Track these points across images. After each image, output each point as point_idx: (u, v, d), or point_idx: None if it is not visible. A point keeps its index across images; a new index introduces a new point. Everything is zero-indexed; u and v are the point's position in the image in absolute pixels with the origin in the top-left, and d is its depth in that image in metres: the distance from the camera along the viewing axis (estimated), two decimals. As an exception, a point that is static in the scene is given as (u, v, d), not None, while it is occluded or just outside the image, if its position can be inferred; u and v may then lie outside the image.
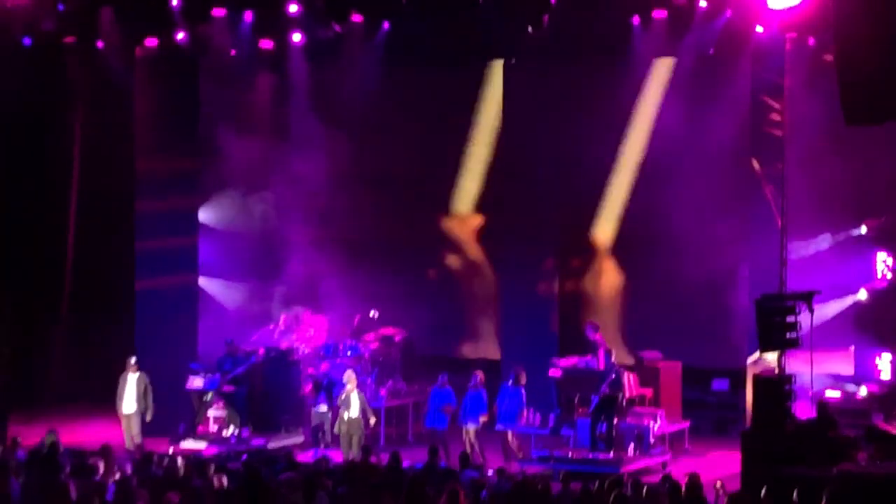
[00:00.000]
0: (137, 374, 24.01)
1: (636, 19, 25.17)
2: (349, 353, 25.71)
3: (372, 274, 27.88)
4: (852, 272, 25.14)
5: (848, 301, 24.97)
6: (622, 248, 27.44)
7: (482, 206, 28.34)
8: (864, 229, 25.25)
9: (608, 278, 27.65)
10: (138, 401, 23.88)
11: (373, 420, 23.55)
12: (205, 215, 27.80)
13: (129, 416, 23.93)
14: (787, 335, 21.00)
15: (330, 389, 23.95)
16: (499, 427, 23.39)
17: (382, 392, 25.22)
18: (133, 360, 24.15)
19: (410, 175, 28.54)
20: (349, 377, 23.21)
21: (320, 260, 28.05)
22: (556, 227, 26.83)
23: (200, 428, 24.80)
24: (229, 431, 24.40)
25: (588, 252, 27.69)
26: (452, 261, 28.76)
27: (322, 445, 23.62)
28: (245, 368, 24.94)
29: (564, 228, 27.02)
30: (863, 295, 25.07)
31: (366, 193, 28.63)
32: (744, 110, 25.11)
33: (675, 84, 26.78)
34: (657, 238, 26.50)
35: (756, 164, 24.70)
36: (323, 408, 23.92)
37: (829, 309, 23.86)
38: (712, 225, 26.11)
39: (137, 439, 23.65)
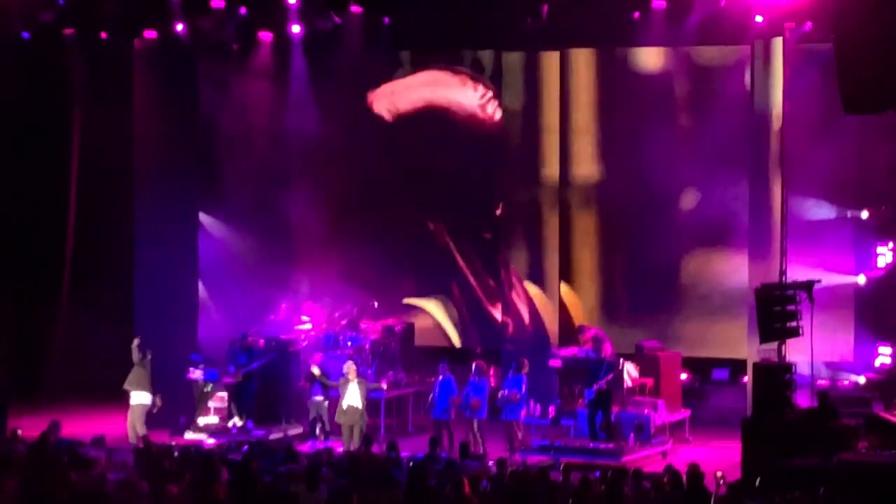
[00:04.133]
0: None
1: (635, 9, 25.20)
2: (349, 343, 25.70)
3: (374, 264, 27.93)
4: (852, 255, 25.19)
5: (846, 280, 24.99)
6: (624, 237, 27.39)
7: (483, 198, 28.28)
8: (865, 214, 25.27)
9: (608, 267, 27.64)
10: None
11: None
12: (204, 207, 27.79)
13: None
14: (788, 324, 21.02)
15: (325, 380, 23.94)
16: (503, 417, 23.35)
17: (383, 383, 25.20)
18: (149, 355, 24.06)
19: (411, 169, 28.59)
20: (349, 367, 23.19)
21: (322, 251, 28.08)
22: (558, 215, 26.94)
23: (201, 419, 24.78)
24: (234, 423, 24.37)
25: (589, 241, 27.67)
26: (453, 250, 28.75)
27: (321, 437, 23.61)
28: (263, 363, 24.89)
29: (566, 217, 27.11)
30: (861, 279, 25.09)
31: (370, 185, 28.64)
32: (743, 99, 25.17)
33: (674, 72, 26.83)
34: (657, 226, 26.62)
35: (756, 152, 24.79)
36: (319, 398, 23.93)
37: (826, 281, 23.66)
38: (712, 212, 26.22)
39: (142, 430, 23.50)
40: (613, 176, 27.10)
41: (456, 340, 28.22)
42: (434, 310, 28.27)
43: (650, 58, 26.74)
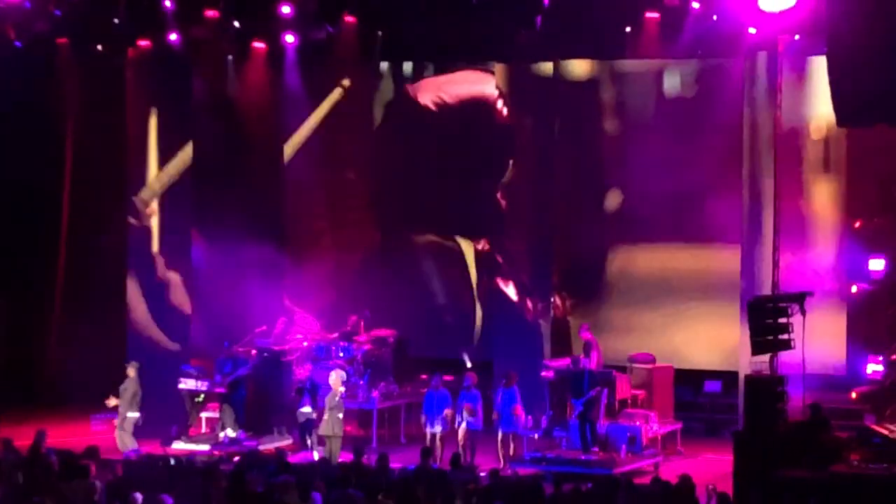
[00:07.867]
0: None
1: (629, 21, 25.24)
2: (341, 354, 25.69)
3: (366, 275, 27.93)
4: (844, 265, 25.22)
5: (838, 290, 25.03)
6: (616, 247, 27.43)
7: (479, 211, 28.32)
8: (857, 224, 25.33)
9: (601, 278, 27.67)
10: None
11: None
12: (197, 217, 27.79)
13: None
14: (779, 337, 21.03)
15: (314, 391, 23.91)
16: (497, 428, 23.36)
17: (375, 394, 25.19)
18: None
19: (404, 179, 28.64)
20: (336, 377, 23.08)
21: (316, 263, 28.10)
22: (553, 227, 26.99)
23: (192, 430, 24.78)
24: (225, 433, 24.36)
25: (583, 251, 27.69)
26: (445, 262, 28.78)
27: (310, 447, 23.56)
28: (247, 370, 24.90)
29: (561, 228, 27.15)
30: (853, 290, 25.11)
31: (364, 197, 28.68)
32: (736, 111, 25.22)
33: (667, 85, 26.92)
34: (650, 237, 26.67)
35: (749, 165, 24.82)
36: (307, 409, 23.88)
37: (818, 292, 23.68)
38: (705, 224, 26.26)
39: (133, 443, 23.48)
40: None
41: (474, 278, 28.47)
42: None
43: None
